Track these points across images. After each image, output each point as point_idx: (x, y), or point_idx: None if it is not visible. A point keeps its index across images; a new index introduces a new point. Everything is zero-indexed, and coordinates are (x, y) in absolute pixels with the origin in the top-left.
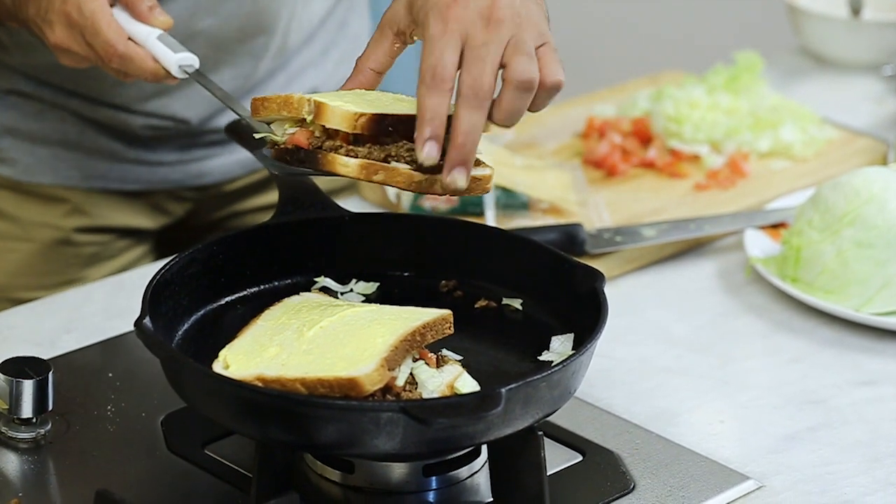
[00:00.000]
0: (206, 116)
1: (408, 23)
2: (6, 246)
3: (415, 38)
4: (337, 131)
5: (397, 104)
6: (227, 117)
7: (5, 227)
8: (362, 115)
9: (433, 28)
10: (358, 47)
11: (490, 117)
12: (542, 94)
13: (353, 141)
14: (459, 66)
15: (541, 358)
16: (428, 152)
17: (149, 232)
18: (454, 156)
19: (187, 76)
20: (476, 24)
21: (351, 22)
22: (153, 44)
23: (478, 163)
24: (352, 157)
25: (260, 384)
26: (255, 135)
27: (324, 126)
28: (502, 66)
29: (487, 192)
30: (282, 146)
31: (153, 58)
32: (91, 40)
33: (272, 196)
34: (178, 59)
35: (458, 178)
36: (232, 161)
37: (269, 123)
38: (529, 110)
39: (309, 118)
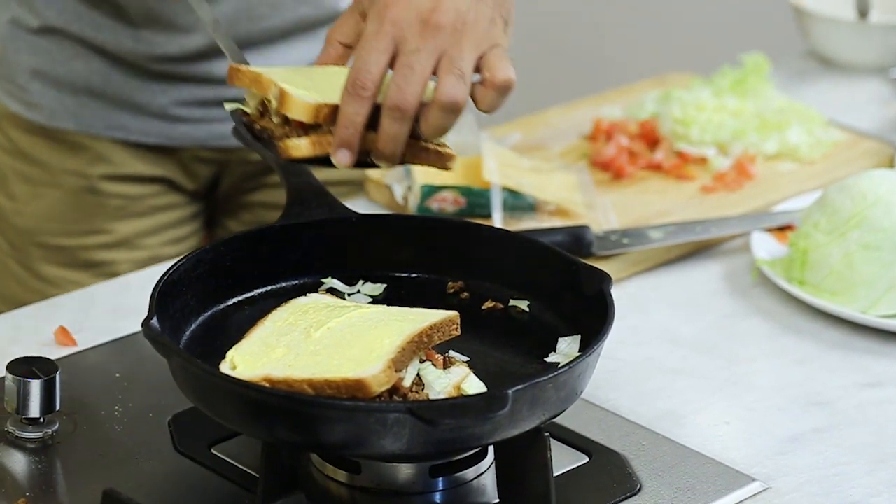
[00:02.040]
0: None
1: (369, 6)
2: (35, 191)
3: None
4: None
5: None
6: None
7: (34, 171)
8: (325, 105)
9: (369, 27)
10: None
11: (417, 128)
12: (491, 94)
13: (308, 126)
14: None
15: (547, 359)
16: (339, 159)
17: (182, 192)
18: (378, 156)
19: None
20: (412, 27)
21: None
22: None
23: (441, 145)
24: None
25: (267, 385)
26: (224, 103)
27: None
28: (435, 74)
29: (448, 169)
30: (251, 118)
31: None
32: None
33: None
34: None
35: (384, 165)
36: None
37: None
38: (482, 110)
39: (274, 102)
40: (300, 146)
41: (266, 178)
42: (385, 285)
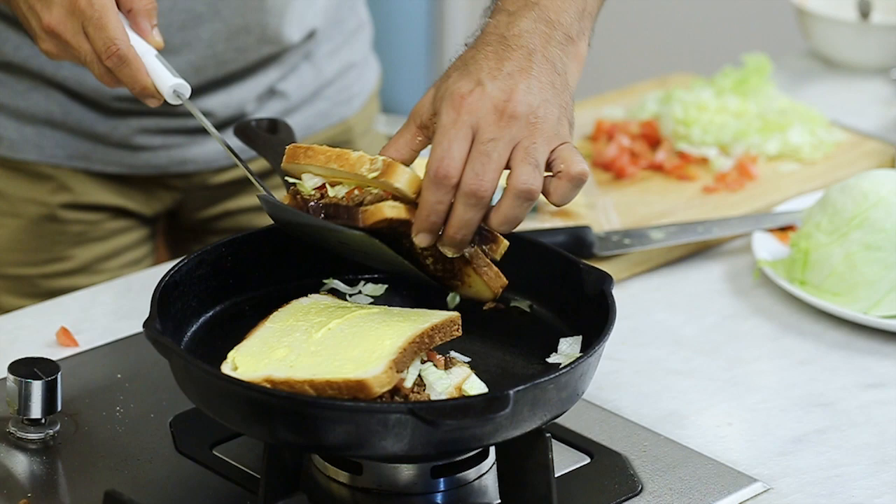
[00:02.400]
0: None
1: (430, 115)
2: None
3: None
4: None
5: None
6: (211, 103)
7: None
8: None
9: (445, 117)
10: (353, 41)
11: (487, 219)
12: (565, 185)
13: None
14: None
15: (549, 360)
16: (420, 240)
17: (141, 218)
18: (446, 241)
19: (179, 102)
20: (488, 117)
21: (347, 18)
22: (151, 60)
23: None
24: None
25: (268, 386)
26: (287, 179)
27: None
28: (508, 167)
29: (496, 295)
30: (306, 197)
31: (146, 72)
32: (94, 33)
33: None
34: (174, 84)
35: (449, 252)
36: (216, 148)
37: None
38: (555, 203)
39: (371, 175)
40: (397, 207)
41: (228, 203)
42: (386, 286)
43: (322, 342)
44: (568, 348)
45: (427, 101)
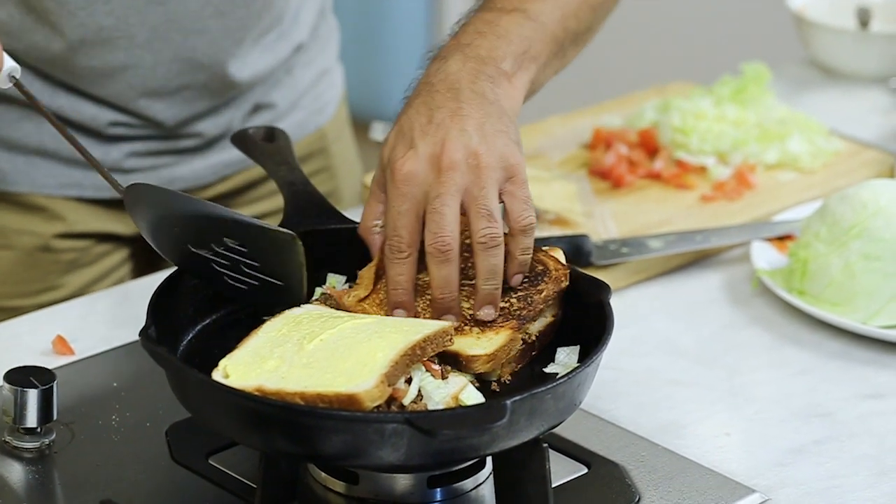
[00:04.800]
0: (181, 121)
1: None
2: None
3: None
4: None
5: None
6: (204, 123)
7: None
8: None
9: (389, 192)
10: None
11: (470, 276)
12: (518, 239)
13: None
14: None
15: (546, 370)
16: (397, 314)
17: (124, 239)
18: (437, 308)
19: (10, 85)
20: (428, 176)
21: (320, 26)
22: None
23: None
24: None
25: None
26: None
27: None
28: (463, 213)
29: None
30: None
31: None
32: None
33: (245, 210)
34: (9, 68)
35: (448, 320)
36: (203, 166)
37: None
38: (515, 257)
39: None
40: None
41: None
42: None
43: (314, 354)
44: (565, 358)
45: (380, 170)
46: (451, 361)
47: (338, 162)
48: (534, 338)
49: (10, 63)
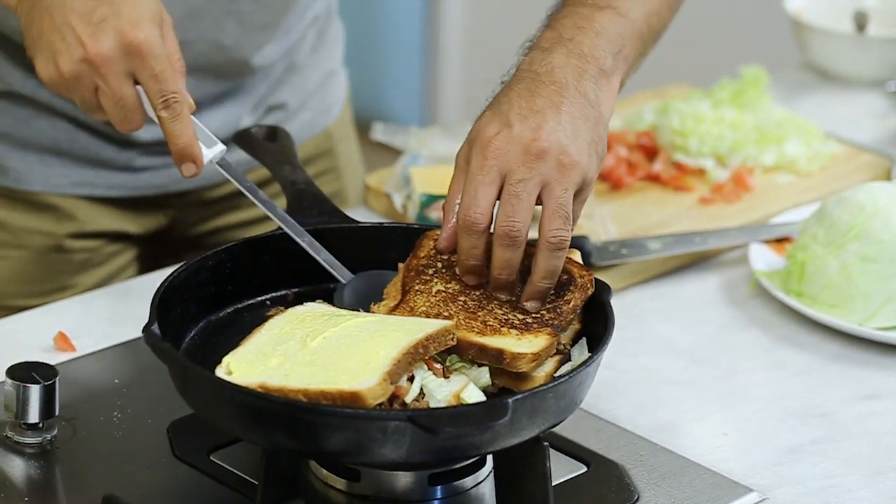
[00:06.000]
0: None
1: (467, 155)
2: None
3: None
4: None
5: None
6: (211, 119)
7: None
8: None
9: (474, 163)
10: (333, 49)
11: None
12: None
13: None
14: (499, 198)
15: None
16: (467, 280)
17: (134, 238)
18: (494, 286)
19: (213, 163)
20: (517, 158)
21: (327, 28)
22: (194, 121)
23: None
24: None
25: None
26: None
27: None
28: (539, 203)
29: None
30: None
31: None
32: (150, 80)
33: (254, 210)
34: (214, 153)
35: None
36: (210, 167)
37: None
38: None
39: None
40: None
41: (219, 220)
42: None
43: (317, 351)
44: (576, 352)
45: (466, 144)
46: (493, 358)
47: (343, 163)
48: (564, 346)
49: (219, 146)
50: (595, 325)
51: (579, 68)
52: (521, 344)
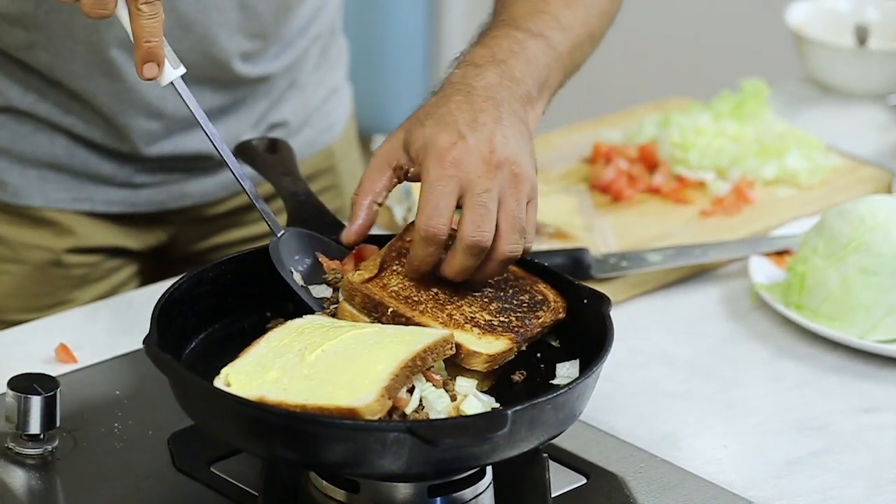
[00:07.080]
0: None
1: (406, 160)
2: None
3: (411, 174)
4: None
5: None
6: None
7: None
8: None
9: (431, 172)
10: (336, 66)
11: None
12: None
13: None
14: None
15: (552, 382)
16: (411, 275)
17: (134, 254)
18: (443, 280)
19: (169, 85)
20: (477, 169)
21: (330, 45)
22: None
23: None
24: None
25: None
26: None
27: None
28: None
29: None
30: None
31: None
32: None
33: (255, 227)
34: (177, 73)
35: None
36: (213, 182)
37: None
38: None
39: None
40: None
41: (219, 237)
42: None
43: (315, 365)
44: (567, 372)
45: (398, 146)
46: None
47: (345, 180)
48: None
49: (180, 69)
50: (595, 336)
51: (510, 89)
52: (480, 343)
